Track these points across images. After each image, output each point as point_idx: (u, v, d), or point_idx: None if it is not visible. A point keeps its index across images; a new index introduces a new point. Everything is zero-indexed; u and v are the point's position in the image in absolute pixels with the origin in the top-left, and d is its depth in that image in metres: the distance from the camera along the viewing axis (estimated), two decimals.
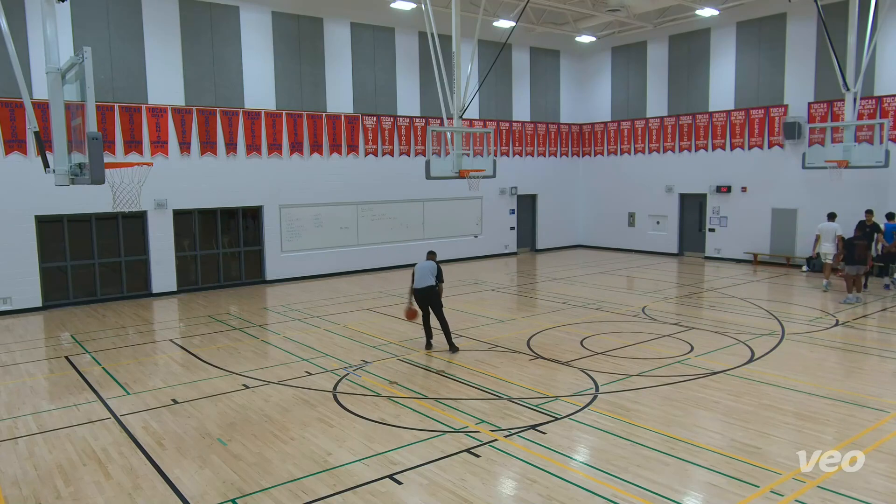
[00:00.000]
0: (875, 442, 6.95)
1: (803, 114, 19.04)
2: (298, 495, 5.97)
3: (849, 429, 7.35)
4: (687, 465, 6.50)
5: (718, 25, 20.73)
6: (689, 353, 10.51)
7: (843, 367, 9.82)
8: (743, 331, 11.88)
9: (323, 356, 10.70)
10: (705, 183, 21.64)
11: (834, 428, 7.39)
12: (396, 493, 6.02)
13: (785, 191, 19.66)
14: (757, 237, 20.46)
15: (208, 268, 17.48)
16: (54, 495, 6.09)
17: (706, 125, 21.40)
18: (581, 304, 14.53)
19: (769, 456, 6.64)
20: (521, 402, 8.37)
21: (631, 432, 7.30)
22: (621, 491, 5.95)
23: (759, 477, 6.18)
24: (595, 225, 25.37)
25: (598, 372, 9.52)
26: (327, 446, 7.07)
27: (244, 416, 8.02)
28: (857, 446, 6.82)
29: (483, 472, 6.41)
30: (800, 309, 13.94)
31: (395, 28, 19.94)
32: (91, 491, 6.15)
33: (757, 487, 5.97)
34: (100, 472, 6.53)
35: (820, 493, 5.83)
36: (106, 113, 15.22)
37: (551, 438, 7.18)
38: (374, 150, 19.80)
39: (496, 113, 22.70)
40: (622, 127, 23.95)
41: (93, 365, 10.49)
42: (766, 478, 6.16)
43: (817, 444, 6.92)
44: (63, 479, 6.39)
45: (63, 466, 6.69)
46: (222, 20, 16.92)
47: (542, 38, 23.36)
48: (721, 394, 8.55)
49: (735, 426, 7.47)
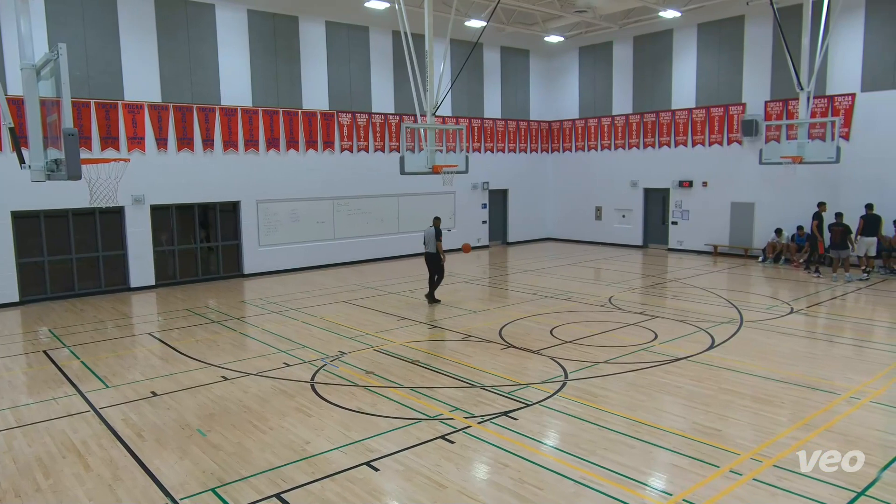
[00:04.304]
0: (826, 423, 7.12)
1: (760, 112, 19.37)
2: (277, 483, 5.94)
3: (802, 411, 7.54)
4: (651, 448, 6.60)
5: (680, 27, 20.96)
6: (653, 340, 10.66)
7: (797, 352, 10.04)
8: (704, 319, 12.08)
9: (300, 348, 10.63)
10: (668, 178, 21.91)
11: (788, 410, 7.57)
12: (373, 479, 6.01)
13: (743, 185, 20.00)
14: (717, 230, 20.80)
15: (186, 262, 17.22)
16: (34, 488, 5.96)
17: (669, 122, 21.66)
18: (550, 295, 14.63)
19: (728, 437, 6.78)
20: (494, 389, 8.41)
21: (598, 417, 7.38)
22: (589, 473, 6.02)
23: (719, 457, 6.30)
24: (564, 219, 25.54)
25: (567, 360, 9.61)
26: (305, 435, 7.03)
27: (223, 407, 7.94)
28: (810, 427, 7.00)
29: (457, 457, 6.43)
30: (757, 298, 14.22)
31: (369, 27, 19.79)
32: (71, 483, 6.04)
33: (717, 467, 6.09)
34: (79, 465, 6.42)
35: (776, 472, 5.97)
36: (82, 109, 14.87)
37: (523, 424, 7.23)
38: (349, 147, 19.67)
39: (468, 110, 22.69)
40: (589, 124, 24.12)
41: (71, 359, 10.28)
42: (725, 458, 6.28)
43: (773, 425, 7.08)
44: (42, 472, 6.27)
45: (42, 459, 6.56)
46: (198, 18, 16.63)
47: (512, 37, 23.40)
48: (683, 379, 8.69)
49: (696, 410, 7.60)
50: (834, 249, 15.81)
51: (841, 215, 15.83)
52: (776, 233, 18.77)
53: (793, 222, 18.54)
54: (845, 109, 17.53)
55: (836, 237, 15.66)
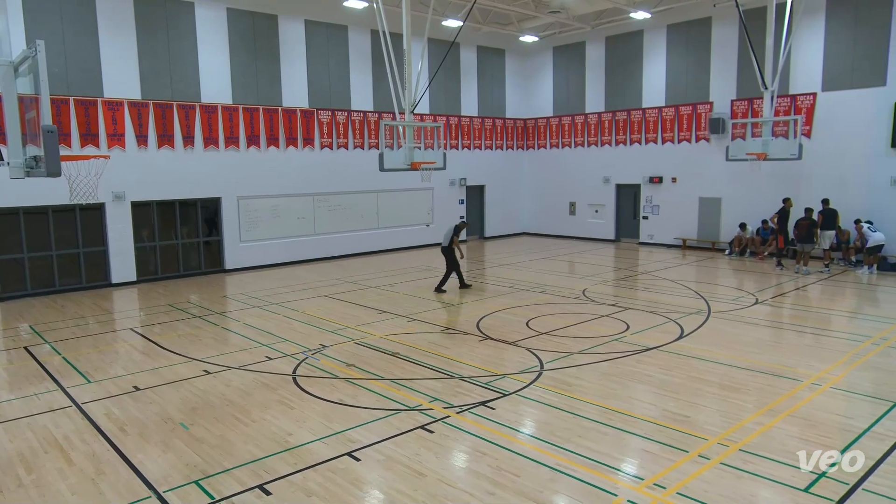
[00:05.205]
0: (790, 408, 7.27)
1: (726, 110, 19.62)
2: (260, 475, 5.89)
3: (767, 397, 7.68)
4: (624, 434, 6.68)
5: (650, 28, 21.12)
6: (625, 331, 10.77)
7: (762, 341, 10.21)
8: (673, 310, 12.23)
9: (282, 341, 10.55)
10: (639, 174, 22.12)
11: (754, 396, 7.70)
12: (355, 469, 6.00)
13: (710, 181, 20.26)
14: (686, 224, 21.06)
15: (168, 258, 16.97)
16: (16, 483, 5.85)
17: (640, 120, 21.84)
18: (526, 288, 14.70)
19: (697, 423, 6.88)
20: (472, 380, 8.44)
21: (573, 406, 7.44)
22: (564, 460, 6.07)
23: (688, 443, 6.39)
24: (539, 214, 25.66)
25: (543, 350, 9.66)
26: (288, 427, 6.99)
27: (206, 401, 7.85)
28: (775, 413, 7.13)
29: (436, 446, 6.44)
30: (724, 289, 14.44)
31: (348, 26, 19.63)
32: (53, 478, 5.93)
33: (686, 452, 6.18)
34: (62, 459, 6.31)
35: (742, 456, 6.07)
36: (61, 106, 14.55)
37: (500, 413, 7.27)
38: (329, 144, 19.52)
39: (446, 108, 22.64)
40: (563, 122, 24.23)
41: (53, 355, 10.08)
42: (694, 443, 6.38)
43: (740, 411, 7.20)
44: (25, 468, 6.14)
45: (24, 455, 6.43)
46: (177, 16, 16.34)
47: (488, 37, 23.38)
48: (654, 368, 8.80)
49: (667, 397, 7.70)
50: (800, 243, 16.09)
51: (810, 210, 16.14)
52: (740, 227, 19.06)
53: (758, 216, 18.87)
54: (807, 108, 17.84)
55: (803, 231, 15.92)
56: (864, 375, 8.44)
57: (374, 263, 19.03)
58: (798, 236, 16.15)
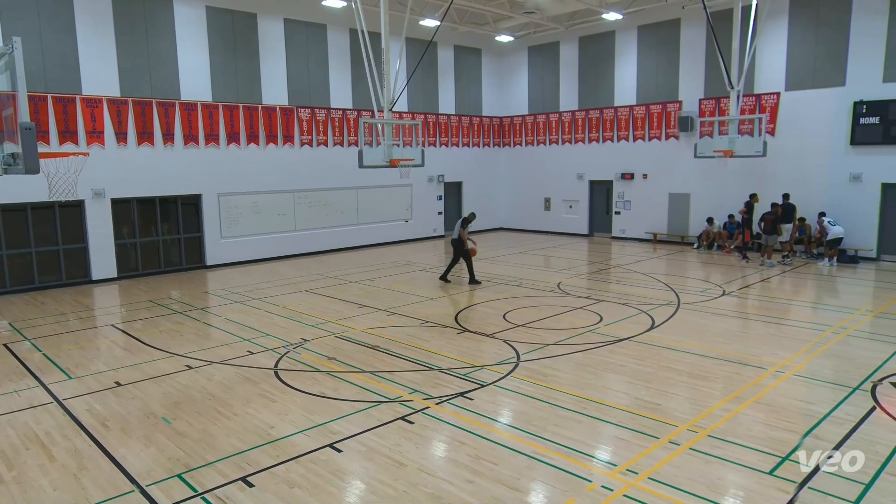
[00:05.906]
0: (755, 395, 7.42)
1: (695, 109, 19.87)
2: (243, 467, 5.86)
3: (734, 384, 7.82)
4: (598, 423, 6.76)
5: (622, 29, 21.27)
6: (598, 322, 10.88)
7: (729, 331, 10.38)
8: (645, 302, 12.38)
9: (264, 336, 10.47)
10: (611, 171, 22.31)
11: (721, 384, 7.84)
12: (336, 460, 5.99)
13: (680, 177, 20.52)
14: (656, 219, 21.31)
15: (149, 254, 16.71)
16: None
17: (612, 118, 22.01)
18: (503, 282, 14.76)
19: (667, 411, 6.99)
20: (451, 372, 8.46)
21: (549, 395, 7.51)
22: (541, 448, 6.13)
23: (658, 430, 6.49)
24: (515, 209, 25.75)
25: (520, 342, 9.72)
26: (270, 420, 6.94)
27: (188, 396, 7.77)
28: (741, 399, 7.27)
29: (417, 437, 6.46)
30: (693, 281, 14.65)
31: (327, 25, 19.46)
32: (35, 474, 5.83)
33: (657, 438, 6.28)
34: (43, 456, 6.20)
35: (710, 441, 6.19)
36: (39, 103, 14.22)
37: (478, 404, 7.30)
38: (308, 141, 19.36)
39: (423, 106, 22.59)
40: (538, 120, 24.33)
41: (33, 351, 9.88)
42: (664, 430, 6.48)
43: (708, 398, 7.33)
44: (6, 464, 6.03)
45: (5, 451, 6.30)
46: (156, 13, 16.05)
47: (465, 36, 23.36)
48: (626, 358, 8.91)
49: (638, 386, 7.80)
50: (765, 235, 16.40)
51: (776, 205, 16.44)
52: (708, 221, 19.35)
53: (725, 211, 19.17)
54: (771, 107, 18.14)
55: (769, 225, 16.24)
56: (824, 363, 8.64)
57: (354, 259, 18.95)
58: (763, 229, 16.46)
